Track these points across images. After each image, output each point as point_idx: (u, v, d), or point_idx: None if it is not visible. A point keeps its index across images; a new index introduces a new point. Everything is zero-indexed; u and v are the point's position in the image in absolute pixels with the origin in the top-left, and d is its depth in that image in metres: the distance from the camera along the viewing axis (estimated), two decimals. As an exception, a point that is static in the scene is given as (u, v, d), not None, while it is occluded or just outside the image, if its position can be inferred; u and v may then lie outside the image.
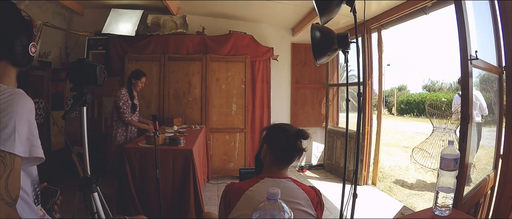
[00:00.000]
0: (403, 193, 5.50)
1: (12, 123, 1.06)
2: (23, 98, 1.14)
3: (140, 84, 4.68)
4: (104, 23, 5.67)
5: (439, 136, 6.40)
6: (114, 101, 4.53)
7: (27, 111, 1.13)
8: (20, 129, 1.08)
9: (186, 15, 5.95)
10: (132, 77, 4.62)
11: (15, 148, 1.05)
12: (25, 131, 1.11)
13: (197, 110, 5.90)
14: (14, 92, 1.13)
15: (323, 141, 7.01)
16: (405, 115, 23.91)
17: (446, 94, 22.37)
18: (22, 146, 1.09)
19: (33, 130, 1.15)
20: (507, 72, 3.04)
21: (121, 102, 4.39)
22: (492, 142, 3.50)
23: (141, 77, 4.65)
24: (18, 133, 1.07)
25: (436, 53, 69.33)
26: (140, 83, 4.66)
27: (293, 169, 6.71)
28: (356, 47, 2.45)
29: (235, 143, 6.03)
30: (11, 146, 1.04)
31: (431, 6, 4.35)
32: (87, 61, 2.18)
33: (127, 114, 4.42)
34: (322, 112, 6.96)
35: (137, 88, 4.67)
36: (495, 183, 3.20)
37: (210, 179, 5.73)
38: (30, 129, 1.13)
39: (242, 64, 6.01)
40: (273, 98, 6.48)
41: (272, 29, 6.75)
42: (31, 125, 1.14)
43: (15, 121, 1.07)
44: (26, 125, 1.12)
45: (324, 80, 6.98)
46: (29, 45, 1.28)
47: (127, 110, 4.44)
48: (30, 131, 1.13)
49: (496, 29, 3.12)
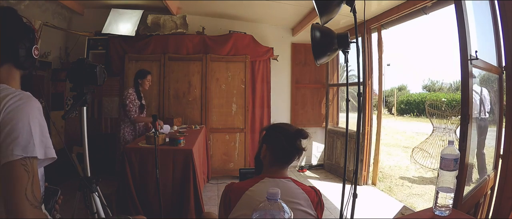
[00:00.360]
0: (403, 193, 5.50)
1: (27, 127, 1.09)
2: (32, 101, 1.17)
3: (147, 82, 4.71)
4: (104, 23, 5.68)
5: (439, 136, 6.41)
6: (120, 101, 4.55)
7: (37, 113, 1.16)
8: (35, 132, 1.11)
9: (186, 15, 5.95)
10: (138, 77, 4.64)
11: (34, 151, 1.09)
12: (38, 133, 1.14)
13: (197, 109, 5.90)
14: (23, 96, 1.15)
15: (323, 141, 7.01)
16: (405, 115, 23.94)
17: (446, 94, 22.41)
18: (39, 149, 1.12)
19: (44, 131, 1.17)
20: (507, 72, 3.04)
21: (128, 101, 4.41)
22: (492, 142, 3.50)
23: (146, 76, 4.67)
24: (34, 136, 1.10)
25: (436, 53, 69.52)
26: (146, 81, 4.69)
27: (293, 169, 6.71)
28: (356, 47, 2.45)
29: (235, 143, 6.03)
30: (32, 151, 1.08)
31: (431, 6, 4.35)
32: (87, 61, 2.18)
33: (133, 112, 4.44)
34: (322, 111, 6.96)
35: (145, 87, 4.70)
36: (495, 183, 3.20)
37: (210, 179, 5.72)
38: (42, 131, 1.16)
39: (242, 64, 6.01)
40: (273, 98, 6.48)
41: (272, 29, 6.75)
42: (42, 126, 1.17)
43: (30, 124, 1.10)
44: (38, 127, 1.14)
45: (324, 80, 6.98)
46: (33, 48, 1.32)
47: (134, 108, 4.46)
48: (42, 133, 1.16)
49: (496, 29, 3.12)
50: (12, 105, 1.10)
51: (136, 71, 4.78)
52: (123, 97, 4.46)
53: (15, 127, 1.07)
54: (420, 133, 13.15)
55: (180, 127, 5.30)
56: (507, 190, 2.88)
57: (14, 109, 1.10)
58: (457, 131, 6.06)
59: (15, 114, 1.09)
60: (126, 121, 4.50)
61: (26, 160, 1.07)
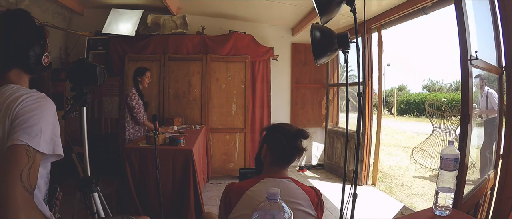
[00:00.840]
0: (403, 193, 5.50)
1: (40, 123, 1.17)
2: (49, 103, 1.26)
3: (146, 79, 4.61)
4: (104, 23, 5.68)
5: (439, 136, 6.42)
6: (123, 101, 4.51)
7: (52, 113, 1.24)
8: (45, 130, 1.18)
9: (186, 15, 5.95)
10: (137, 75, 4.56)
11: (39, 145, 1.14)
12: (49, 131, 1.21)
13: (197, 109, 5.90)
14: (40, 96, 1.25)
15: (323, 141, 7.01)
16: (405, 115, 23.96)
17: (446, 94, 22.41)
18: (47, 144, 1.18)
19: (56, 131, 1.25)
20: (507, 72, 3.04)
21: (134, 102, 4.35)
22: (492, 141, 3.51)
23: (145, 72, 4.59)
24: (43, 133, 1.17)
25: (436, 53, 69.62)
26: (146, 78, 4.60)
27: (293, 169, 6.71)
28: (356, 47, 2.45)
29: (235, 143, 6.03)
30: (37, 144, 1.14)
31: (431, 6, 4.34)
32: (87, 61, 2.18)
33: (141, 114, 4.42)
34: (322, 112, 6.96)
35: (144, 84, 4.60)
36: (495, 183, 3.20)
37: (210, 179, 5.72)
38: (53, 130, 1.23)
39: (242, 64, 6.01)
40: (273, 98, 6.48)
41: (272, 29, 6.75)
42: (55, 126, 1.25)
43: (42, 122, 1.18)
44: (51, 126, 1.22)
45: (324, 80, 6.99)
46: (43, 56, 1.37)
47: (140, 109, 4.42)
48: (53, 132, 1.23)
49: (496, 29, 3.12)
50: (29, 102, 1.18)
51: (134, 70, 4.71)
52: (128, 99, 4.35)
53: (28, 119, 1.15)
54: (420, 133, 13.16)
55: (180, 127, 5.29)
56: (507, 190, 2.88)
57: (30, 105, 1.18)
58: (457, 130, 6.06)
59: (31, 110, 1.17)
60: (131, 122, 4.44)
61: (30, 147, 1.12)
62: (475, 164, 3.89)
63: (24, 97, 1.18)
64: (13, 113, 1.14)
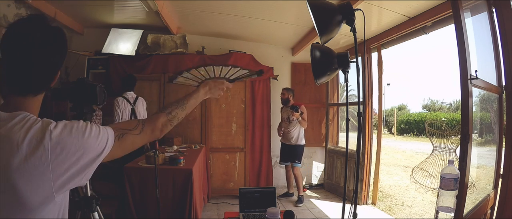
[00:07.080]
0: (403, 213, 5.45)
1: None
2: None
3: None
4: (104, 43, 5.72)
5: (439, 155, 6.38)
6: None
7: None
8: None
9: (186, 35, 6.01)
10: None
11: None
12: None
13: (197, 129, 5.90)
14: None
15: (323, 160, 6.97)
16: (405, 135, 23.91)
17: (446, 113, 22.45)
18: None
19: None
20: (507, 92, 3.05)
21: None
22: (492, 161, 3.49)
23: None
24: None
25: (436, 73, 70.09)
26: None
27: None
28: (356, 66, 2.46)
29: (235, 162, 6.00)
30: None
31: (431, 26, 4.36)
32: (87, 81, 2.18)
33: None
34: (322, 131, 6.95)
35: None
36: (495, 202, 3.18)
37: (210, 198, 5.66)
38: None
39: (242, 84, 6.03)
40: (273, 117, 6.47)
41: (272, 49, 6.80)
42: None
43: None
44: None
45: (324, 99, 7.00)
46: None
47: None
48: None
49: (496, 49, 3.14)
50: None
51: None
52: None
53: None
54: (420, 152, 13.10)
55: (180, 147, 5.28)
56: (507, 209, 2.86)
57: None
58: (457, 150, 6.04)
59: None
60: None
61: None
62: (475, 183, 3.87)
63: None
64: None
